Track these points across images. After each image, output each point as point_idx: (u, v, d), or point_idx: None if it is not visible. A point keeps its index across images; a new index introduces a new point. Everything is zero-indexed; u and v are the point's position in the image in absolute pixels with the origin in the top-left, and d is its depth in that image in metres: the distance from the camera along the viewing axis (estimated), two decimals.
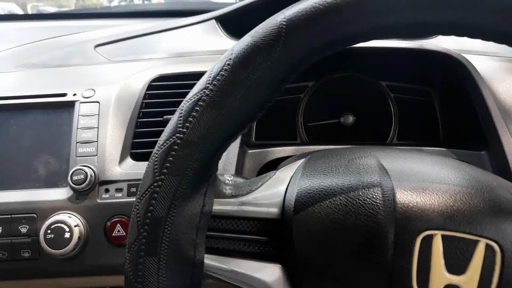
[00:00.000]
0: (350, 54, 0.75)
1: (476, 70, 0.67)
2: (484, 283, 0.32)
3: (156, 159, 0.33)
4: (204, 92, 0.32)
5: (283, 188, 0.38)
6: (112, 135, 0.62)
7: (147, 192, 0.32)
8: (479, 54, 0.77)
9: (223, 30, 0.85)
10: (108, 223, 0.58)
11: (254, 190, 0.38)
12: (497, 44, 0.32)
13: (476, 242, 0.32)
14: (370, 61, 0.76)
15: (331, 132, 0.77)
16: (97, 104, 0.63)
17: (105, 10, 1.22)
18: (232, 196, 0.37)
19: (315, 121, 0.76)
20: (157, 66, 0.71)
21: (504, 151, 0.60)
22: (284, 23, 0.31)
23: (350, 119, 0.75)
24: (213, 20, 0.86)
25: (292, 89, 0.77)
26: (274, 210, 0.37)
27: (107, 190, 0.59)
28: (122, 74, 0.69)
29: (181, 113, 0.32)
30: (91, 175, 0.57)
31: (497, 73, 0.71)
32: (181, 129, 0.32)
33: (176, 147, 0.32)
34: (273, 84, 0.33)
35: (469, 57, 0.71)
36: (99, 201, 0.59)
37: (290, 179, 0.39)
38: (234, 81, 0.31)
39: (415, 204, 0.33)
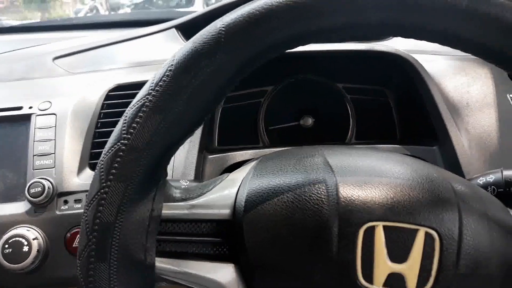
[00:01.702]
0: (306, 58, 0.77)
1: (424, 69, 0.70)
2: (424, 269, 0.33)
3: (102, 166, 0.33)
4: (147, 98, 0.33)
5: (235, 189, 0.39)
6: (70, 147, 0.61)
7: (94, 199, 0.33)
8: (431, 54, 0.80)
9: (183, 38, 0.86)
10: (68, 235, 0.58)
11: (205, 193, 0.39)
12: None
13: (416, 230, 0.33)
14: (326, 64, 0.78)
15: (292, 134, 0.78)
16: (54, 116, 0.63)
17: (67, 22, 1.21)
18: (182, 200, 0.38)
19: (276, 125, 0.78)
20: (115, 76, 0.71)
21: (453, 145, 0.63)
22: (223, 28, 0.32)
23: (309, 121, 0.77)
24: (174, 29, 0.87)
25: (252, 94, 0.78)
26: (226, 212, 0.38)
27: (66, 202, 0.59)
28: (80, 86, 0.69)
29: (125, 120, 0.33)
30: (48, 188, 0.57)
31: (447, 71, 0.74)
32: (125, 135, 0.33)
33: (121, 153, 0.32)
34: (217, 89, 0.34)
35: (420, 57, 0.74)
36: (58, 213, 0.58)
37: (242, 181, 0.40)
38: (176, 87, 0.32)
39: (357, 197, 0.34)
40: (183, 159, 0.61)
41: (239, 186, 0.39)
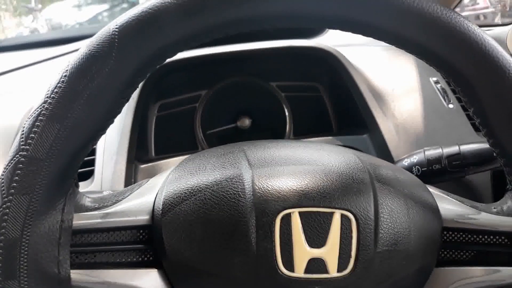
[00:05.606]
0: (237, 59, 0.77)
1: (348, 61, 0.72)
2: (344, 251, 0.34)
3: (2, 180, 0.32)
4: (44, 106, 0.32)
5: (153, 194, 0.38)
6: None
7: None
8: (359, 46, 0.82)
9: None
10: None
11: (120, 200, 0.38)
12: None
13: (331, 214, 0.34)
14: (258, 64, 0.79)
15: (230, 137, 0.78)
16: None
17: None
18: (95, 209, 0.37)
19: (214, 129, 0.77)
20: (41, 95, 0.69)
21: (381, 131, 0.65)
22: (116, 30, 0.32)
23: (247, 122, 0.77)
24: None
25: (186, 100, 0.77)
26: (144, 218, 0.37)
27: None
28: (2, 107, 0.67)
29: (23, 131, 0.32)
30: None
31: (372, 61, 0.76)
32: (24, 146, 0.31)
33: (20, 165, 0.31)
34: (117, 91, 0.33)
35: (346, 50, 0.75)
36: None
37: (161, 185, 0.39)
38: (72, 92, 0.32)
39: (272, 187, 0.35)
40: (111, 171, 0.59)
41: (158, 191, 0.39)
